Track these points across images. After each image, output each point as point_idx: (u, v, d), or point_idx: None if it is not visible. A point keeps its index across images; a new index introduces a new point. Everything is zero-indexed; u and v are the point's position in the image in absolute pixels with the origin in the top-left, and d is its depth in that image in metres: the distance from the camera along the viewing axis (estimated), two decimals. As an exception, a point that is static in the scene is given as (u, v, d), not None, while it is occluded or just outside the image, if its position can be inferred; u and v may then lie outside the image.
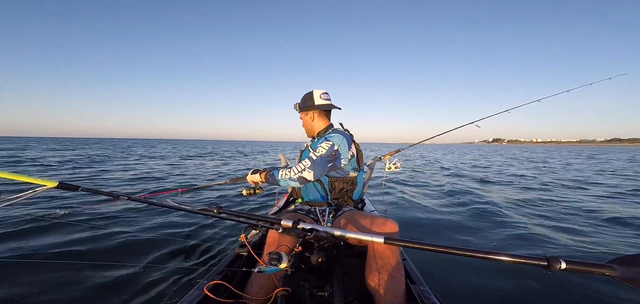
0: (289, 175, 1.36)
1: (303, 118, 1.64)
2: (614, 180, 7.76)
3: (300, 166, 1.36)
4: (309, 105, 1.57)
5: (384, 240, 0.83)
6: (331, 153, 1.37)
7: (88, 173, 7.91)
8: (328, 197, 1.48)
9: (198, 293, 1.07)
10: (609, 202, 4.79)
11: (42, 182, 1.16)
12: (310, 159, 1.36)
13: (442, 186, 6.43)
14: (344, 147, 1.41)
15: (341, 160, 1.40)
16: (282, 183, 1.39)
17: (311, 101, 1.57)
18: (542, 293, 1.81)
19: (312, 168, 1.34)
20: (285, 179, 1.37)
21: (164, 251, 2.42)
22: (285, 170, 1.39)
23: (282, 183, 1.39)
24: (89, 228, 2.96)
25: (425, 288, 1.15)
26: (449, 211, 4.04)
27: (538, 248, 2.63)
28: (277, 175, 1.41)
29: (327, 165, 1.37)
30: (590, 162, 15.20)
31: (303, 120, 1.65)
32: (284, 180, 1.38)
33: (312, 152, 1.40)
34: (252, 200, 4.71)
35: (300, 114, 1.65)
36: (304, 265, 1.10)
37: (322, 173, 1.37)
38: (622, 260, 0.66)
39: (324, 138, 1.46)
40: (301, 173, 1.34)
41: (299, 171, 1.34)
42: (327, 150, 1.37)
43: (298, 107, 1.63)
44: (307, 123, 1.63)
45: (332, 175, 1.47)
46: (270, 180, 1.44)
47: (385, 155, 2.42)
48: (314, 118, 1.59)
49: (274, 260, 0.90)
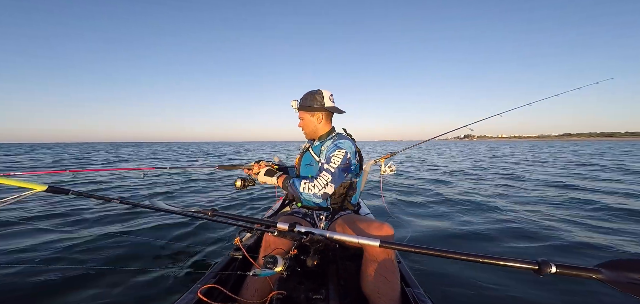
0: (313, 191, 1.33)
1: (305, 118, 1.52)
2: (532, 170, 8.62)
3: (322, 181, 1.33)
4: (318, 107, 1.48)
5: (379, 244, 0.84)
6: (346, 163, 1.37)
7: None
8: (328, 202, 1.47)
9: (192, 297, 1.06)
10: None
11: (30, 186, 1.13)
12: (328, 172, 1.34)
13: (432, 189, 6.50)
14: (353, 155, 1.42)
15: (352, 165, 1.41)
16: (304, 196, 1.35)
17: (320, 102, 1.47)
18: (534, 295, 1.84)
19: (333, 181, 1.33)
20: (309, 194, 1.33)
21: (157, 255, 2.38)
22: (307, 183, 1.35)
23: (304, 196, 1.35)
24: (79, 232, 2.90)
25: (420, 291, 1.16)
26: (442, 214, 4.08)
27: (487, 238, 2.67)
28: (298, 186, 1.36)
29: (345, 174, 1.38)
30: (528, 154, 17.61)
31: (305, 120, 1.53)
32: (307, 195, 1.34)
33: (327, 164, 1.36)
34: (247, 203, 4.68)
35: (302, 113, 1.53)
36: (299, 268, 1.09)
37: (339, 184, 1.37)
38: (611, 264, 0.67)
39: (335, 146, 1.40)
40: (324, 189, 1.32)
41: (321, 186, 1.32)
42: (342, 159, 1.35)
43: (297, 104, 1.52)
44: (310, 124, 1.52)
45: None
46: (290, 190, 1.39)
47: (380, 157, 2.44)
48: (322, 120, 1.51)
49: (269, 263, 0.89)
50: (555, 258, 1.77)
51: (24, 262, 2.16)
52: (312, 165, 1.50)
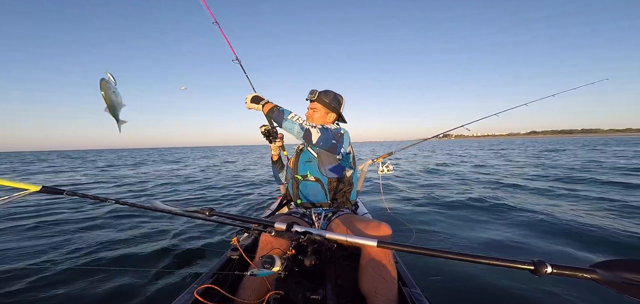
0: (299, 121, 1.33)
1: (321, 112, 1.56)
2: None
3: (311, 123, 1.36)
4: (336, 108, 1.56)
5: (377, 244, 0.84)
6: (337, 134, 1.42)
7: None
8: (327, 197, 1.48)
9: (188, 297, 1.05)
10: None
11: (24, 186, 1.12)
12: (319, 126, 1.37)
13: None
14: (347, 137, 1.48)
15: (342, 147, 1.44)
16: (286, 124, 1.33)
17: (339, 106, 1.58)
18: (531, 295, 1.85)
19: (319, 131, 1.35)
20: (293, 122, 1.32)
21: (153, 255, 2.37)
22: (295, 114, 1.35)
23: (286, 124, 1.33)
24: (74, 232, 2.87)
25: (417, 291, 1.17)
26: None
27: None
28: (286, 113, 1.34)
29: (332, 140, 1.39)
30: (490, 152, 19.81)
31: (320, 113, 1.56)
32: (291, 122, 1.32)
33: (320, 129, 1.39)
34: (244, 203, 4.66)
35: (319, 106, 1.56)
36: (297, 268, 1.09)
37: (324, 144, 1.38)
38: (605, 265, 0.68)
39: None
40: (309, 127, 1.33)
41: (308, 125, 1.34)
42: (334, 129, 1.43)
43: (317, 95, 1.55)
44: (322, 119, 1.57)
45: (330, 176, 1.48)
46: (275, 114, 1.36)
47: (378, 157, 2.44)
48: (332, 121, 1.60)
49: (266, 263, 0.89)
50: (552, 258, 1.78)
51: (19, 262, 2.14)
52: (311, 161, 1.52)
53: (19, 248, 2.41)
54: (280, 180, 1.93)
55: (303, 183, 1.51)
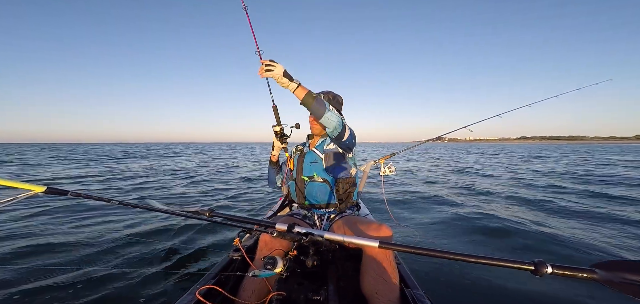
0: (338, 115, 1.35)
1: None
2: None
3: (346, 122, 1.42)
4: (338, 109, 1.58)
5: (378, 245, 0.84)
6: (354, 134, 1.48)
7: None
8: (335, 198, 1.49)
9: (190, 298, 1.06)
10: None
11: (29, 187, 1.13)
12: (347, 123, 1.43)
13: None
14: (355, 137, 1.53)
15: (354, 146, 1.52)
16: (328, 114, 1.28)
17: (340, 106, 1.60)
18: (532, 295, 1.85)
19: (350, 131, 1.43)
20: (334, 113, 1.31)
21: (155, 256, 2.38)
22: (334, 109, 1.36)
23: (328, 114, 1.28)
24: (77, 233, 2.89)
25: (419, 292, 1.16)
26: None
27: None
28: (327, 103, 1.30)
29: (353, 140, 1.47)
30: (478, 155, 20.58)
31: None
32: (333, 113, 1.30)
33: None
34: (245, 203, 4.67)
35: None
36: (299, 269, 1.09)
37: (349, 142, 1.45)
38: (605, 265, 0.68)
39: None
40: (346, 125, 1.40)
41: (344, 122, 1.40)
42: (352, 130, 1.48)
43: (325, 97, 1.55)
44: None
45: (338, 176, 1.48)
46: (315, 101, 1.24)
47: (380, 159, 2.44)
48: None
49: (268, 264, 0.89)
50: (552, 258, 1.77)
51: (22, 263, 2.15)
52: (317, 162, 1.52)
53: (20, 248, 2.43)
54: (275, 183, 1.87)
55: (310, 184, 1.50)
